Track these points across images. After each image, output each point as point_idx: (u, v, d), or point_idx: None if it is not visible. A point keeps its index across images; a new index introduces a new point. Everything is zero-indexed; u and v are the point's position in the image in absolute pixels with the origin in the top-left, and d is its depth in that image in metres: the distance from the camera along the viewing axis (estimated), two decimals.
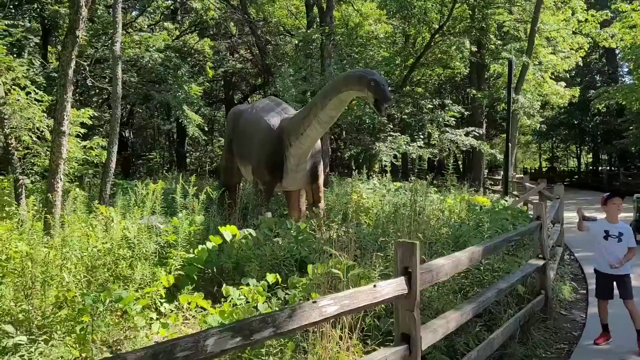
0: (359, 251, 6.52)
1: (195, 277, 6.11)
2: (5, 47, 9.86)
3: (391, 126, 19.75)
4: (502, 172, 20.05)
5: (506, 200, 13.63)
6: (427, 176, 12.03)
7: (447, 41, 21.67)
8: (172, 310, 5.48)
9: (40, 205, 7.61)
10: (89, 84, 19.15)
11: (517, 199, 14.97)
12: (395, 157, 18.74)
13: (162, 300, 5.54)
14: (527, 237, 6.87)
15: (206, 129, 27.08)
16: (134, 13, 24.62)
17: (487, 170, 26.74)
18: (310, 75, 17.47)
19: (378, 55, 21.36)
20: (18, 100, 9.04)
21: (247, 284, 5.44)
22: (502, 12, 22.63)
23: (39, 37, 19.58)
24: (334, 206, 10.88)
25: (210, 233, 7.08)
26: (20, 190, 8.63)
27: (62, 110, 7.83)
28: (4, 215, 7.73)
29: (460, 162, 34.63)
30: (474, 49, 22.19)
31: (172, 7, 26.31)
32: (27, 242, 5.62)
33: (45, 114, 9.47)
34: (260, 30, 24.23)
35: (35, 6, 18.78)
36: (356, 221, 8.83)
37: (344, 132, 21.35)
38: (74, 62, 8.04)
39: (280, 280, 5.55)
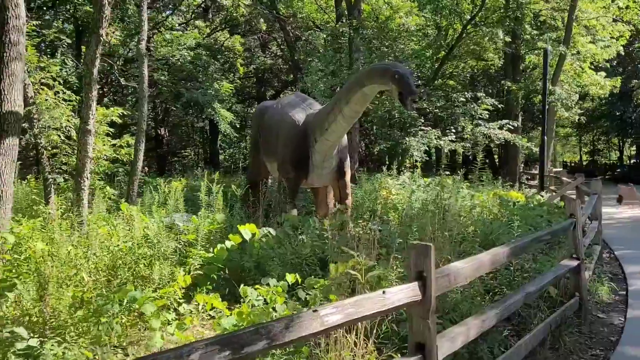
0: (384, 249, 6.32)
1: (215, 276, 6.01)
2: (34, 47, 10.00)
3: (422, 120, 19.31)
4: (538, 166, 19.39)
5: (542, 196, 13.16)
6: (459, 171, 11.66)
7: (479, 32, 21.04)
8: (191, 311, 5.39)
9: (70, 204, 7.66)
10: (123, 84, 19.46)
11: (553, 194, 14.47)
12: (426, 152, 18.32)
13: (182, 301, 5.46)
14: (562, 235, 6.53)
15: (238, 125, 27.15)
16: (167, 12, 24.90)
17: (523, 165, 25.95)
18: (338, 69, 17.22)
19: (408, 47, 20.91)
20: (46, 100, 9.16)
21: (268, 284, 5.31)
22: (537, 0, 21.84)
23: (73, 38, 19.97)
24: (362, 203, 10.65)
25: (232, 231, 6.98)
26: (49, 189, 8.73)
27: (88, 109, 7.86)
28: (32, 214, 7.82)
29: (495, 156, 33.80)
30: (508, 39, 21.46)
31: (203, 6, 26.47)
32: (49, 241, 5.62)
33: (73, 114, 9.57)
34: (290, 26, 24.11)
35: (69, 7, 19.13)
36: (382, 219, 8.59)
37: (374, 127, 21.01)
38: (99, 60, 8.07)
39: (300, 280, 5.40)
